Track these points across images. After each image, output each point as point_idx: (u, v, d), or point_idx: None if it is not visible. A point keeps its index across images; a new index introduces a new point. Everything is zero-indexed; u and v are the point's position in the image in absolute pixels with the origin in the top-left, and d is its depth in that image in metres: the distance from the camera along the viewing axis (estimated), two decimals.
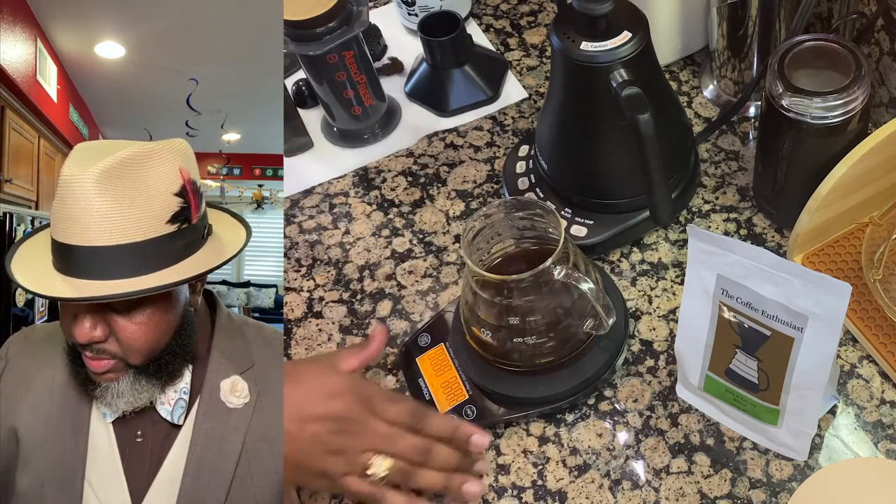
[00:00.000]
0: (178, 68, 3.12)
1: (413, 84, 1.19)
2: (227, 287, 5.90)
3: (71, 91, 3.36)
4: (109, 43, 2.91)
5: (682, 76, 1.14)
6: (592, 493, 0.83)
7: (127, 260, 0.67)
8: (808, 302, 0.70)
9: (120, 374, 0.71)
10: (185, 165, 0.71)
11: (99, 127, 4.06)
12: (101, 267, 0.66)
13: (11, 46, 2.42)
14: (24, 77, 2.58)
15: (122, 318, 0.69)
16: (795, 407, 0.77)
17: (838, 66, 0.86)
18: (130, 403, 0.72)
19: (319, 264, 1.06)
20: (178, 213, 0.69)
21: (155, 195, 0.68)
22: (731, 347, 0.78)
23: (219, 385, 0.76)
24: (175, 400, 0.75)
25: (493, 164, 1.10)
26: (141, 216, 0.67)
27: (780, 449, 0.82)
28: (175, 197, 0.69)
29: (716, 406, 0.84)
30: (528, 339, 0.81)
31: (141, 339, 0.70)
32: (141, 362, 0.72)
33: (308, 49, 1.02)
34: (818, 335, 0.71)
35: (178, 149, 0.72)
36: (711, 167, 1.04)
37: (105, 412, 0.75)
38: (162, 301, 0.71)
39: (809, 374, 0.74)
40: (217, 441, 0.74)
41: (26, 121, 2.73)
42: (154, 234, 0.68)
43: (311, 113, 1.21)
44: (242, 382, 0.77)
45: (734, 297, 0.74)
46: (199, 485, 0.74)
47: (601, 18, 0.84)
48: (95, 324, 0.68)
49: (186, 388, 0.75)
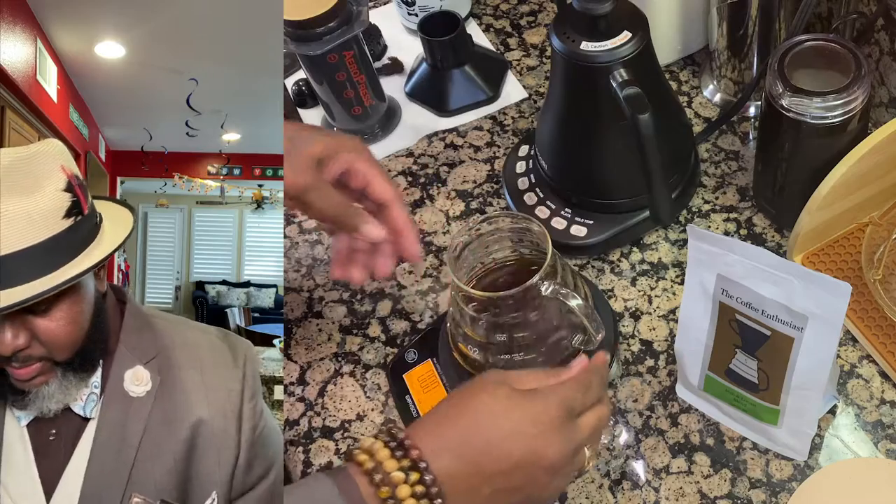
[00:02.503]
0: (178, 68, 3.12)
1: (413, 84, 1.19)
2: (227, 287, 5.90)
3: (71, 91, 3.36)
4: (109, 43, 2.90)
5: (682, 76, 1.14)
6: (592, 493, 0.83)
7: (35, 261, 0.69)
8: (808, 302, 0.70)
9: (48, 375, 0.72)
10: (65, 163, 0.73)
11: (99, 127, 4.06)
12: (11, 274, 0.68)
13: (11, 46, 2.42)
14: (24, 77, 2.58)
15: (42, 319, 0.70)
16: (795, 407, 0.77)
17: (838, 66, 0.86)
18: (60, 402, 0.73)
19: (319, 264, 1.06)
20: (70, 208, 0.71)
21: (46, 194, 0.70)
22: (731, 347, 0.78)
23: (122, 375, 0.78)
24: (87, 395, 0.76)
25: (493, 164, 1.10)
26: (38, 216, 0.69)
27: (780, 449, 0.82)
28: (64, 193, 0.71)
29: (716, 406, 0.85)
30: (516, 355, 0.80)
31: (63, 335, 0.71)
32: (67, 357, 0.73)
33: (308, 49, 1.02)
34: (818, 335, 0.71)
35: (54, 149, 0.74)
36: (711, 167, 1.04)
37: (20, 416, 0.76)
38: (74, 293, 0.72)
39: (809, 373, 0.74)
40: (120, 428, 0.76)
41: (26, 121, 2.73)
42: (53, 231, 0.70)
43: (311, 113, 1.21)
44: (144, 371, 0.78)
45: (734, 297, 0.74)
46: (104, 471, 0.75)
47: (601, 18, 0.84)
48: (17, 332, 0.69)
49: (98, 382, 0.77)
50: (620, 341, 0.92)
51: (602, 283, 0.97)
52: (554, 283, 0.77)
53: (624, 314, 0.95)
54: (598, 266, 0.99)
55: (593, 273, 0.98)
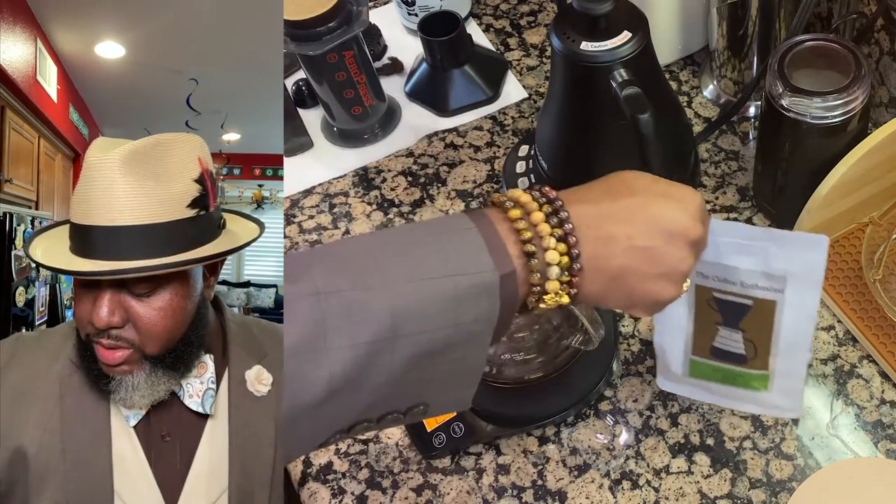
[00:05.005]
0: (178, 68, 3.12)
1: (413, 84, 1.19)
2: (227, 287, 5.89)
3: (71, 91, 3.36)
4: (109, 43, 2.90)
5: (682, 76, 1.14)
6: (592, 492, 0.83)
7: (147, 241, 0.68)
8: (785, 263, 0.70)
9: (135, 366, 0.70)
10: (203, 156, 0.73)
11: (99, 127, 4.06)
12: (120, 248, 0.67)
13: (11, 46, 2.42)
14: (24, 77, 2.58)
15: (141, 303, 0.69)
16: (784, 367, 0.78)
17: (838, 66, 0.86)
18: (147, 397, 0.71)
19: None
20: (197, 199, 0.71)
21: (176, 178, 0.70)
22: (713, 326, 0.78)
23: (243, 376, 0.77)
24: (203, 391, 0.75)
25: (493, 164, 1.10)
26: (163, 197, 0.68)
27: (772, 411, 0.83)
28: (195, 183, 0.71)
29: (702, 388, 0.85)
30: (516, 355, 0.81)
31: (159, 326, 0.70)
32: (158, 352, 0.71)
33: (308, 49, 1.02)
34: (799, 292, 0.72)
35: (196, 140, 0.74)
36: (711, 167, 1.04)
37: (128, 416, 0.74)
38: (180, 287, 0.71)
39: (796, 332, 0.75)
40: (253, 429, 0.75)
41: (26, 121, 2.73)
42: (175, 216, 0.69)
43: (311, 113, 1.21)
44: (265, 371, 0.78)
45: (709, 277, 0.75)
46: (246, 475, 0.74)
47: (601, 18, 0.84)
48: (114, 309, 0.68)
49: (213, 378, 0.75)
50: (620, 341, 0.92)
51: None
52: None
53: (624, 314, 0.95)
54: None
55: None
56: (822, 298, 0.91)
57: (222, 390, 0.77)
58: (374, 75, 1.12)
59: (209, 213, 0.72)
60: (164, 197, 0.68)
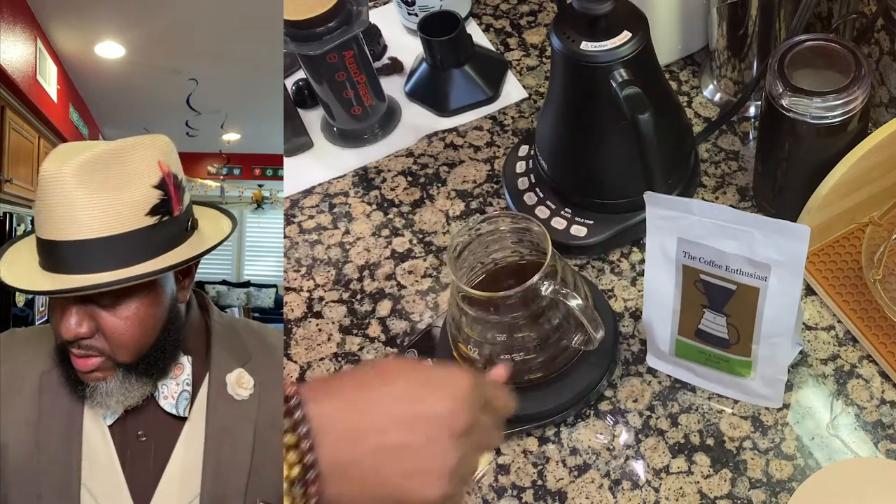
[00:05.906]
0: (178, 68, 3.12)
1: (413, 84, 1.19)
2: (227, 287, 5.90)
3: (71, 91, 3.36)
4: (109, 43, 2.91)
5: (682, 76, 1.14)
6: (592, 493, 0.83)
7: (109, 253, 0.67)
8: (769, 250, 0.72)
9: (108, 373, 0.71)
10: (165, 159, 0.72)
11: (99, 127, 4.06)
12: (84, 261, 0.67)
13: (11, 46, 2.42)
14: (24, 77, 2.58)
15: (108, 313, 0.69)
16: (766, 355, 0.79)
17: (838, 66, 0.86)
18: (121, 402, 0.72)
19: (319, 264, 1.06)
20: (157, 206, 0.70)
21: (133, 186, 0.69)
22: (699, 308, 0.79)
23: (224, 379, 0.76)
24: (178, 392, 0.74)
25: (493, 164, 1.10)
26: (121, 207, 0.68)
27: (756, 400, 0.84)
28: (154, 189, 0.70)
29: (688, 369, 0.86)
30: (516, 355, 0.81)
31: (127, 335, 0.70)
32: (129, 359, 0.71)
33: (308, 49, 1.02)
34: (782, 281, 0.73)
35: (158, 143, 0.72)
36: (711, 167, 1.04)
37: (105, 414, 0.74)
38: (147, 295, 0.71)
39: (777, 321, 0.76)
40: (230, 433, 0.75)
41: (26, 121, 2.73)
42: (133, 226, 0.68)
43: (311, 113, 1.21)
44: (247, 374, 0.77)
45: (697, 258, 0.76)
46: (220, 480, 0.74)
47: (601, 18, 0.84)
48: (81, 320, 0.69)
49: (189, 380, 0.75)
50: (620, 341, 0.92)
51: (602, 283, 0.97)
52: (554, 283, 0.77)
53: (624, 314, 0.95)
54: (598, 266, 0.99)
55: (593, 273, 0.98)
56: (822, 298, 0.91)
57: (202, 392, 0.77)
58: (374, 75, 1.12)
59: (174, 218, 0.71)
60: (122, 207, 0.68)
